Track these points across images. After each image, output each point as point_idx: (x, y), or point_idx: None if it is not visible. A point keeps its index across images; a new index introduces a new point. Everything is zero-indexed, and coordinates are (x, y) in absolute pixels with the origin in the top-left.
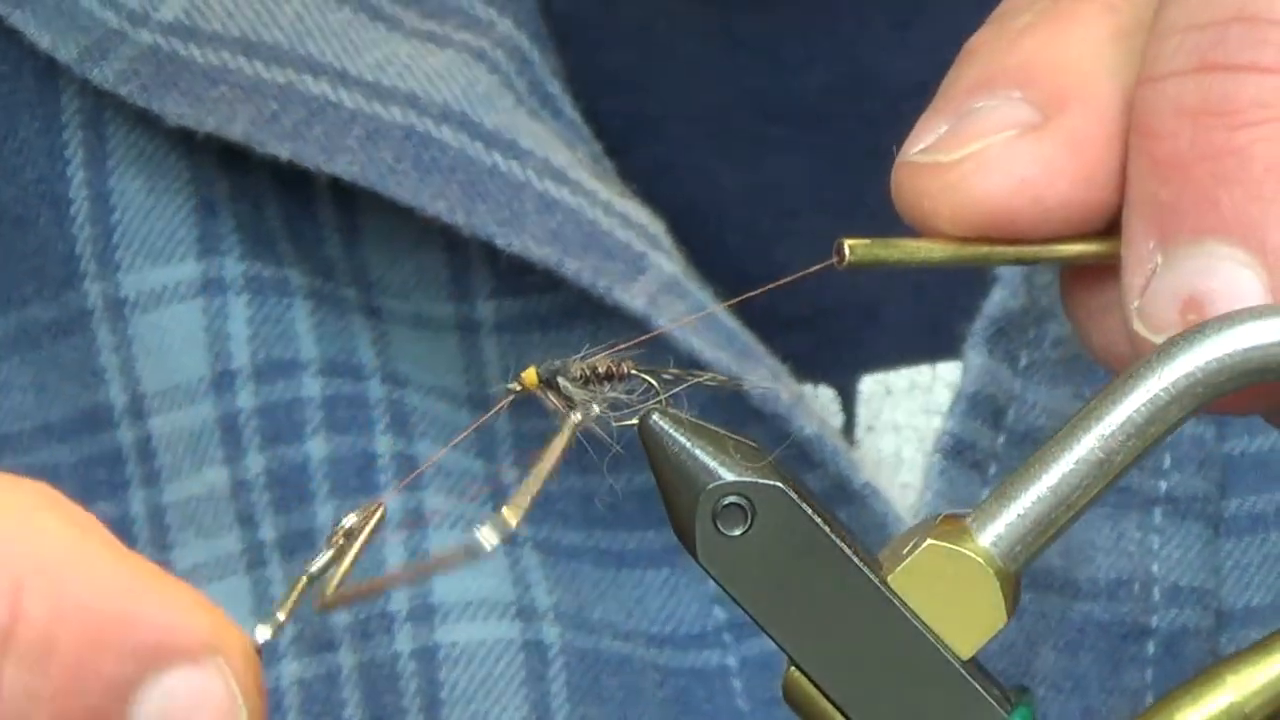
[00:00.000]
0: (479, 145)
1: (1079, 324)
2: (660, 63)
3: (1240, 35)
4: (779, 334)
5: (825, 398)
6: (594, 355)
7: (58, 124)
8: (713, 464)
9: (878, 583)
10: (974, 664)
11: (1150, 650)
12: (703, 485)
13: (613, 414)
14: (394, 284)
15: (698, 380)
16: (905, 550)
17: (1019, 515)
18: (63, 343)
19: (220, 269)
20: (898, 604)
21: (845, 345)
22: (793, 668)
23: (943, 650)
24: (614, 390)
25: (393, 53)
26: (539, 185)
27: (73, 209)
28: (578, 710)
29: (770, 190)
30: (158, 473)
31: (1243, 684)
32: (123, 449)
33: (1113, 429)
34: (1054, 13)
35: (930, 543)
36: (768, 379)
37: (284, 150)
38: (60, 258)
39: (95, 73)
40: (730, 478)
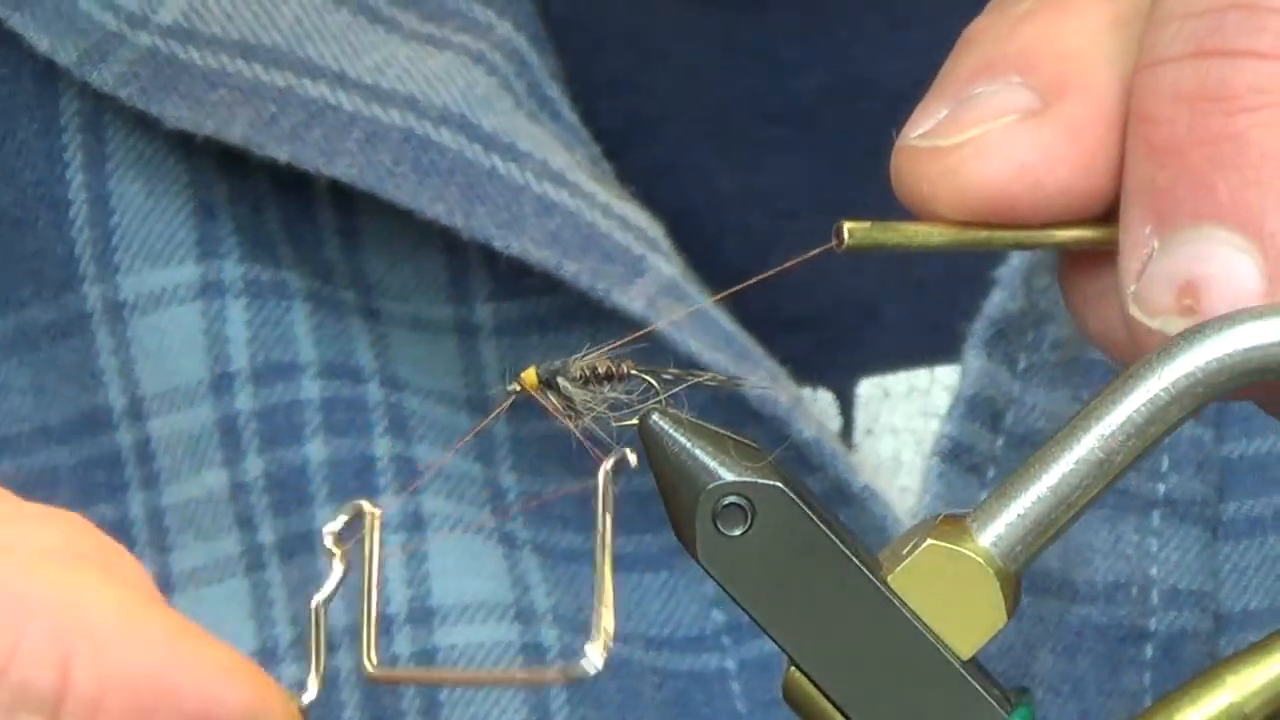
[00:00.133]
0: (478, 148)
1: (1077, 310)
2: (658, 65)
3: (1238, 21)
4: (777, 337)
5: (824, 401)
6: (593, 355)
7: (57, 126)
8: (713, 464)
9: (878, 583)
10: (974, 664)
11: (1148, 653)
12: (703, 485)
13: (612, 414)
14: (393, 287)
15: (697, 380)
16: (905, 550)
17: (1019, 515)
18: (61, 345)
19: (219, 272)
20: (898, 604)
21: (843, 348)
22: (793, 668)
23: (943, 650)
24: (614, 390)
25: (392, 55)
26: (538, 188)
27: (72, 211)
28: (576, 713)
29: (768, 192)
30: (157, 475)
31: (1242, 684)
32: (122, 451)
33: (1113, 429)
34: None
35: (930, 543)
36: (766, 381)
37: (283, 153)
38: (59, 260)
39: (94, 75)
40: (730, 478)
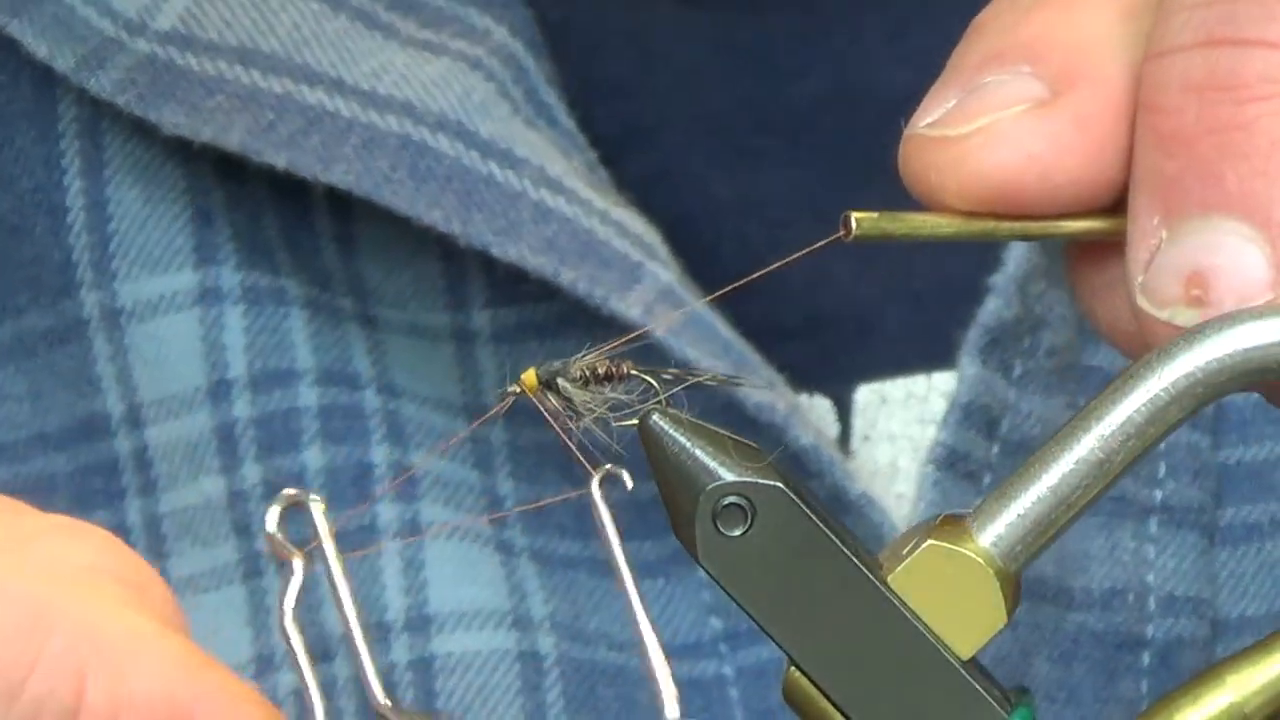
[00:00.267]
0: (475, 154)
1: (1084, 301)
2: (655, 72)
3: (1249, 11)
4: (775, 344)
5: (821, 408)
6: (592, 355)
7: (54, 133)
8: (713, 464)
9: (878, 583)
10: (974, 664)
11: (1145, 660)
12: (703, 485)
13: (612, 415)
14: (390, 293)
15: (697, 380)
16: (905, 550)
17: (1019, 515)
18: (59, 351)
19: (217, 278)
20: (898, 604)
21: (841, 355)
22: (793, 668)
23: (943, 650)
24: (613, 391)
25: (389, 61)
26: (535, 194)
27: (69, 218)
28: None
29: (765, 199)
30: (154, 482)
31: (1243, 684)
32: (119, 458)
33: (1112, 429)
34: None
35: (930, 543)
36: (764, 389)
37: (280, 159)
38: (56, 267)
39: (92, 82)
40: (730, 478)
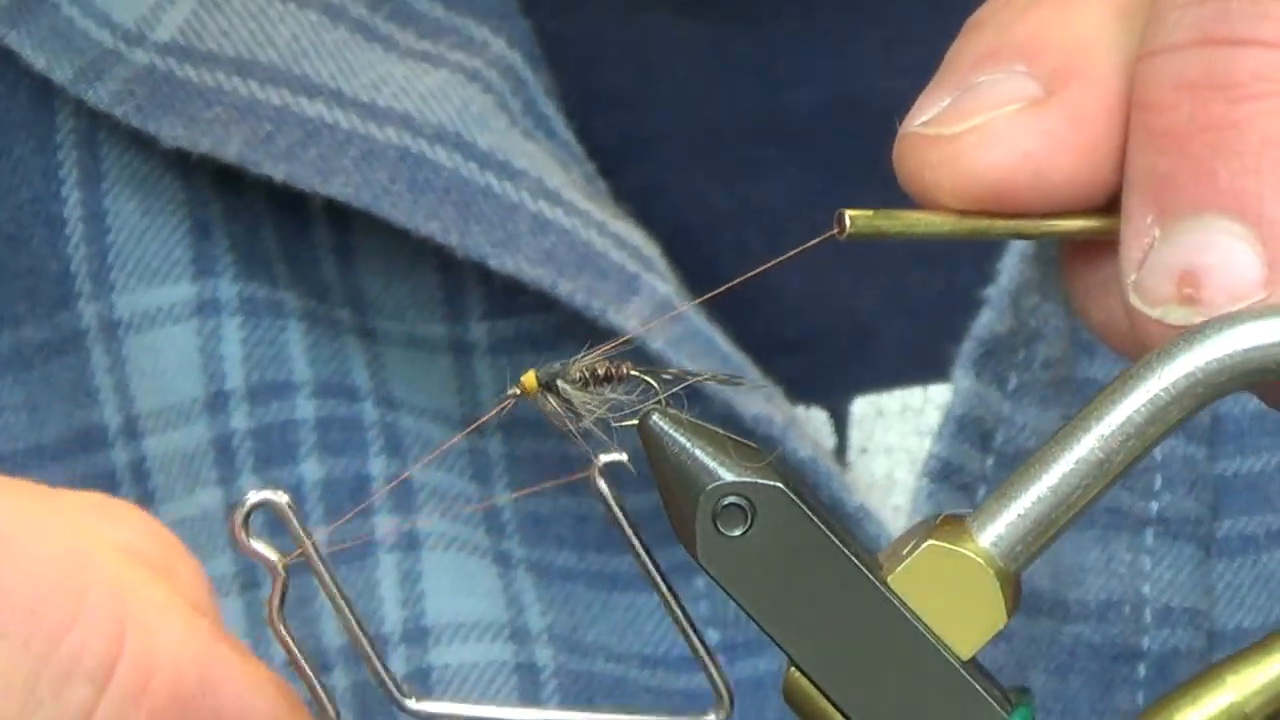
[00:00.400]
0: (473, 166)
1: (1078, 301)
2: (653, 83)
3: (1242, 10)
4: (772, 356)
5: (818, 420)
6: (591, 356)
7: (52, 144)
8: (713, 464)
9: (877, 583)
10: (974, 664)
11: (1141, 672)
12: (703, 485)
13: (612, 415)
14: (388, 305)
15: (697, 380)
16: (905, 550)
17: (1019, 515)
18: (56, 363)
19: (215, 290)
20: (898, 604)
21: (838, 367)
22: (793, 668)
23: (943, 650)
24: (613, 392)
25: (388, 73)
26: (533, 206)
27: (67, 229)
28: None
29: (762, 210)
30: (151, 494)
31: (1243, 684)
32: (116, 470)
33: (1112, 429)
34: None
35: (930, 543)
36: (761, 401)
37: (279, 171)
38: (54, 278)
39: (90, 93)
40: (730, 478)
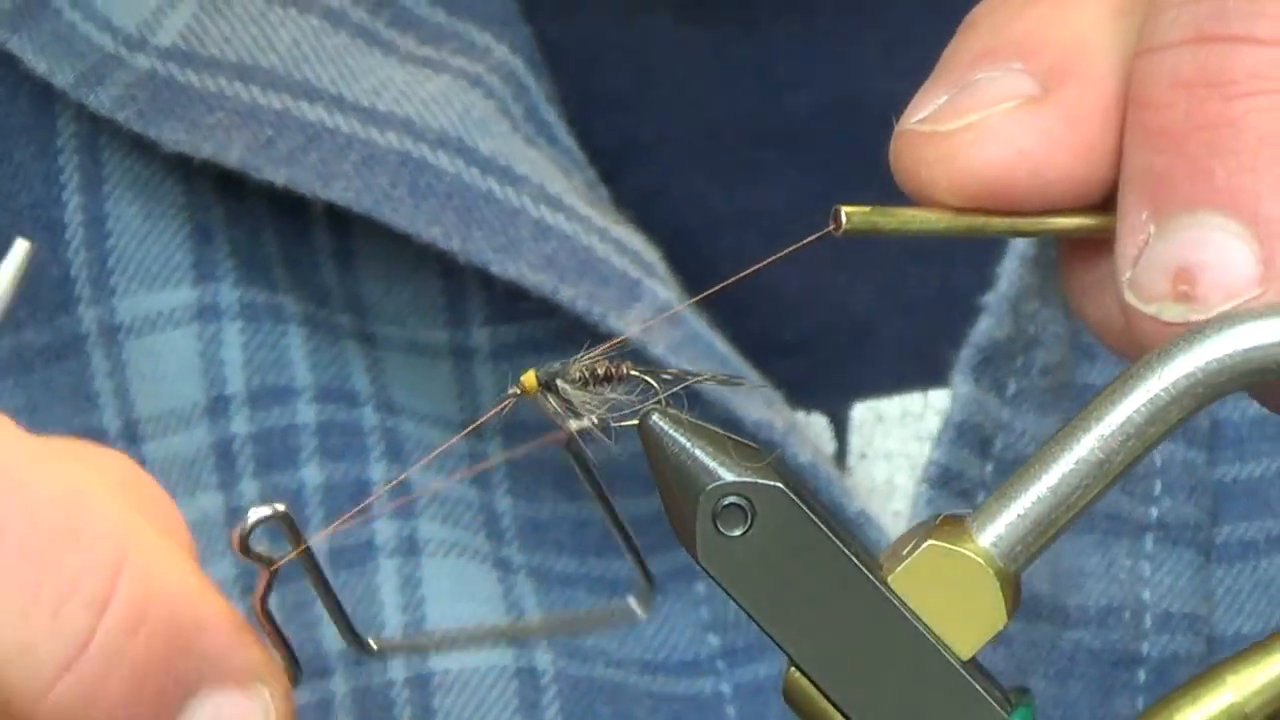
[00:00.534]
0: (474, 171)
1: (1076, 300)
2: (653, 87)
3: (1238, 7)
4: (771, 360)
5: (818, 425)
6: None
7: (53, 149)
8: (713, 464)
9: (878, 583)
10: (974, 664)
11: (1141, 678)
12: (703, 485)
13: (612, 415)
14: (389, 310)
15: (697, 380)
16: (905, 550)
17: (1019, 515)
18: (56, 367)
19: (215, 295)
20: (898, 604)
21: (837, 372)
22: (793, 668)
23: (943, 650)
24: (613, 392)
25: (389, 78)
26: (534, 212)
27: (68, 234)
28: None
29: (763, 214)
30: None
31: (1243, 684)
32: None
33: (1112, 429)
34: None
35: (930, 543)
36: (761, 406)
37: (280, 176)
38: (55, 282)
39: (91, 98)
40: (730, 478)
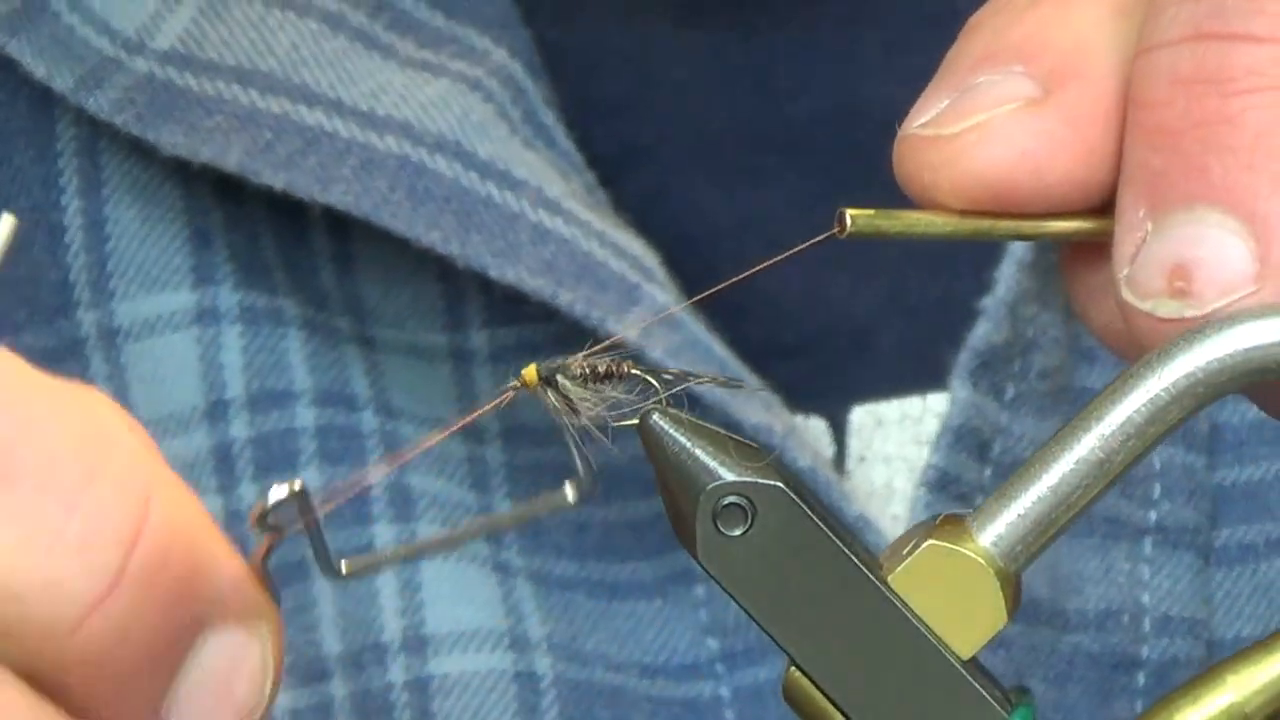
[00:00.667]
0: (473, 175)
1: (1079, 303)
2: (652, 91)
3: (1237, 6)
4: (771, 364)
5: (817, 429)
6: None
7: (52, 152)
8: (713, 464)
9: (878, 583)
10: (974, 664)
11: (1140, 681)
12: (703, 485)
13: (612, 414)
14: (388, 314)
15: (698, 381)
16: (905, 550)
17: (1019, 515)
18: (55, 371)
19: (214, 298)
20: (898, 604)
21: (836, 376)
22: (793, 668)
23: (943, 650)
24: (614, 390)
25: (387, 82)
26: (533, 216)
27: (67, 237)
28: None
29: (763, 218)
30: None
31: (1243, 684)
32: None
33: (1113, 429)
34: None
35: (930, 543)
36: (760, 410)
37: (279, 180)
38: (54, 286)
39: (90, 102)
40: (731, 477)
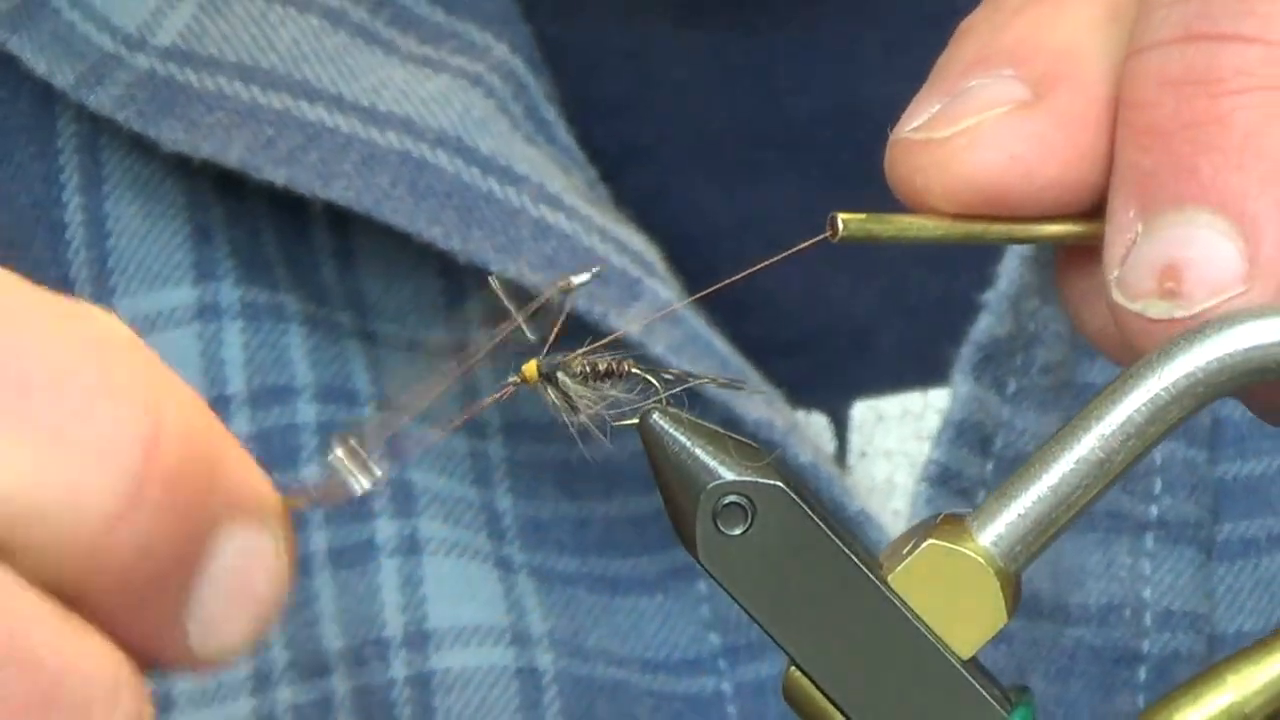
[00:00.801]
0: (475, 170)
1: (1073, 307)
2: (653, 89)
3: (1225, 6)
4: (772, 360)
5: (818, 424)
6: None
7: (53, 149)
8: (713, 463)
9: (878, 582)
10: (974, 664)
11: (1142, 676)
12: (703, 484)
13: (612, 413)
14: (389, 309)
15: (698, 380)
16: (905, 550)
17: (1019, 515)
18: None
19: (215, 294)
20: (898, 604)
21: (837, 371)
22: (793, 667)
23: (943, 650)
24: (614, 389)
25: (389, 77)
26: (534, 211)
27: (68, 234)
28: None
29: (762, 216)
30: None
31: (1243, 684)
32: None
33: (1113, 429)
34: None
35: (930, 542)
36: (762, 406)
37: (280, 176)
38: (55, 282)
39: (91, 98)
40: (731, 477)
